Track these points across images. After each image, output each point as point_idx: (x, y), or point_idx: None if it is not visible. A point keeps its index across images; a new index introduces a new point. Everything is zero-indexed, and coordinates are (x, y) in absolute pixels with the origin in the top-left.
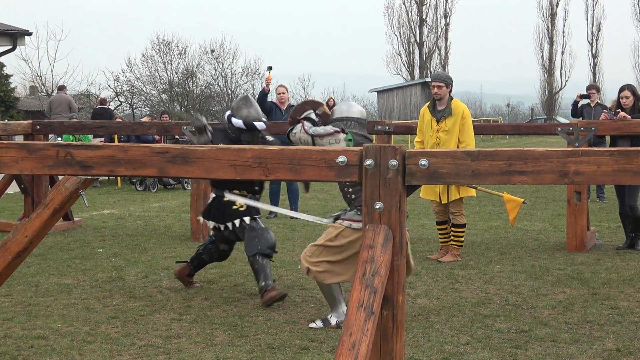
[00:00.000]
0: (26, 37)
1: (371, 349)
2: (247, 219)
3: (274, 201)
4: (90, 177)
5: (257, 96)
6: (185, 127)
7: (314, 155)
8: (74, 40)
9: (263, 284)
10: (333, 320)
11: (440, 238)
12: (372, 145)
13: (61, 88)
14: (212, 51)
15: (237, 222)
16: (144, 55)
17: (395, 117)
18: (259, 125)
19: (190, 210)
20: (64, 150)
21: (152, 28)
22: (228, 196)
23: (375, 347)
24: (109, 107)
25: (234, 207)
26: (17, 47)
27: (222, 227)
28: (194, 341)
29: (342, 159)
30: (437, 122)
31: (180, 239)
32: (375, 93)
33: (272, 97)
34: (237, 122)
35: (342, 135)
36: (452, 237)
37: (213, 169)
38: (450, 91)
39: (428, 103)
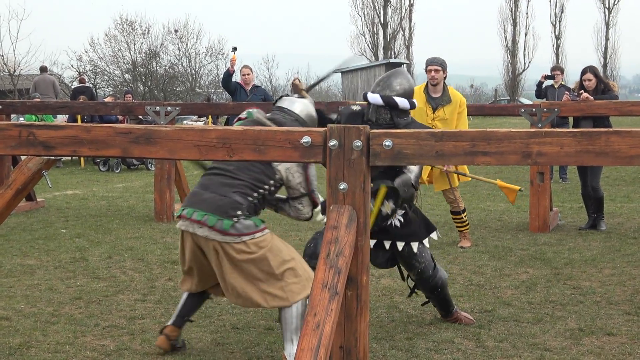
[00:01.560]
0: None
1: (335, 329)
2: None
3: None
4: (53, 158)
5: (221, 77)
6: (148, 107)
7: (279, 136)
8: (36, 19)
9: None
10: None
11: (457, 226)
12: (337, 125)
13: (43, 69)
14: (176, 31)
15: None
16: (107, 35)
17: (359, 98)
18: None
19: (154, 191)
20: (27, 130)
21: (115, 7)
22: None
23: (339, 327)
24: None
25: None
26: None
27: None
28: (158, 322)
29: (306, 139)
30: (434, 110)
31: (144, 219)
32: (340, 73)
33: (236, 78)
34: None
35: None
36: (457, 224)
37: (177, 149)
38: (445, 77)
39: (420, 88)
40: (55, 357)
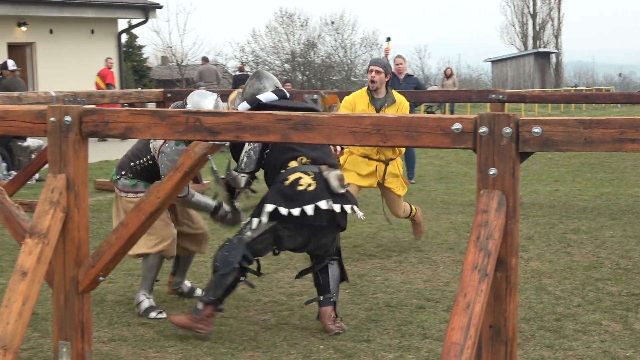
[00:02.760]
0: (157, 9)
1: (485, 309)
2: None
3: None
4: (217, 143)
5: None
6: (307, 96)
7: (430, 123)
8: (202, 13)
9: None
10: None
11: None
12: (487, 113)
13: (205, 59)
14: (333, 23)
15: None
16: (267, 27)
17: (508, 87)
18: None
19: None
20: (194, 117)
21: (276, 1)
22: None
23: (489, 307)
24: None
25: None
26: (149, 19)
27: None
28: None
29: (457, 126)
30: (377, 110)
31: None
32: (490, 63)
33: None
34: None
35: None
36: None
37: (333, 135)
38: (388, 81)
39: (362, 91)
40: (220, 330)
